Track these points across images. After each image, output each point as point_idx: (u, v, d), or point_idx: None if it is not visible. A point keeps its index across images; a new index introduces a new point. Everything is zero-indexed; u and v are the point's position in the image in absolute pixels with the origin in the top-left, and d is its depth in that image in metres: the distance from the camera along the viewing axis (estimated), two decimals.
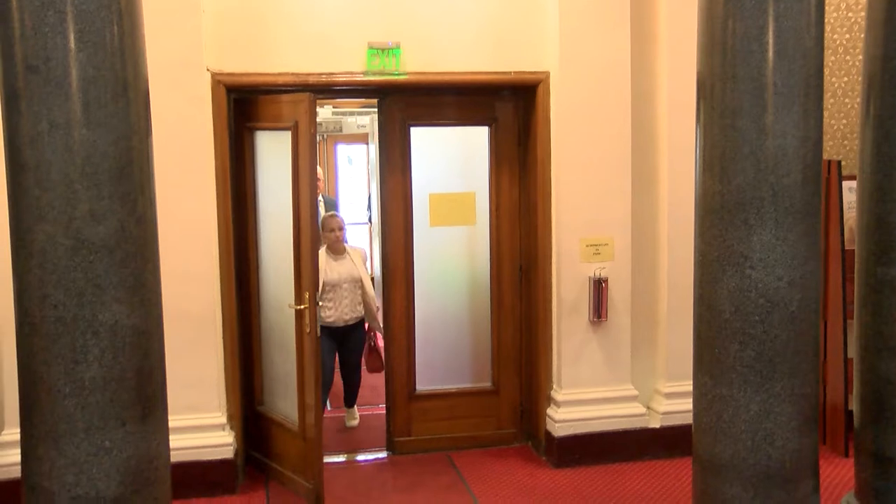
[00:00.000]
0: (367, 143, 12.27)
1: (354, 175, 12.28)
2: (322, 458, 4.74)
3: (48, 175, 2.61)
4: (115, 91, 2.68)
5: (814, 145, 3.10)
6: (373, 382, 6.85)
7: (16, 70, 2.59)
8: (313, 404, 4.67)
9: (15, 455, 3.95)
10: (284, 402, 4.97)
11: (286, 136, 4.71)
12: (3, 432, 4.53)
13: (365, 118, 11.55)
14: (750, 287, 3.11)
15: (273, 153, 4.94)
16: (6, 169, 2.70)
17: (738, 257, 3.12)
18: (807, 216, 3.10)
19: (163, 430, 2.92)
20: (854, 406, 3.75)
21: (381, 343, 5.91)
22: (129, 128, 2.72)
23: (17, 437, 3.10)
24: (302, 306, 4.66)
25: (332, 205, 7.47)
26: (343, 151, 11.95)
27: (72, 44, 2.59)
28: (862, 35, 5.53)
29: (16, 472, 3.84)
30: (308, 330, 4.62)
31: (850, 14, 5.62)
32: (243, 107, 4.98)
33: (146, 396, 2.81)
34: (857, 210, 3.69)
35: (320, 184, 7.23)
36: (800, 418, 3.17)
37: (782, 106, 3.02)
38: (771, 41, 3.00)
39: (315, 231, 4.68)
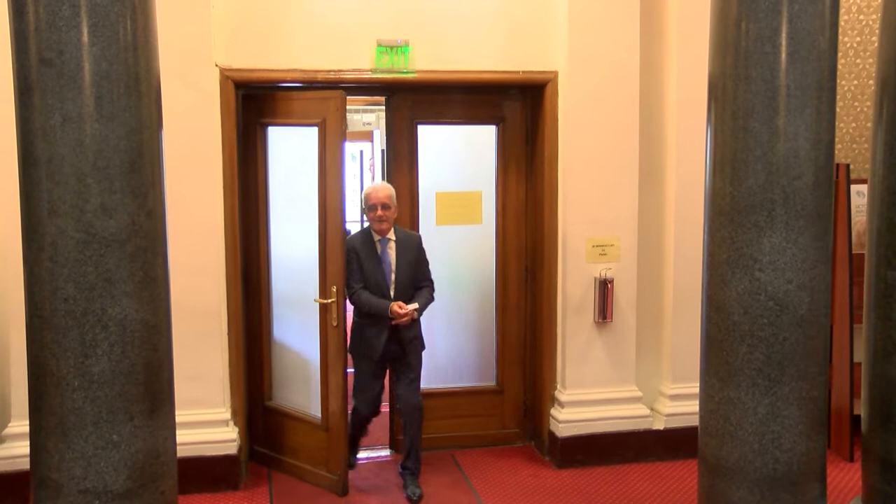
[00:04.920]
0: (372, 141, 12.30)
1: (359, 172, 12.27)
2: (346, 449, 4.80)
3: (60, 168, 2.61)
4: (128, 85, 2.68)
5: (826, 148, 3.09)
6: None
7: (29, 63, 2.60)
8: (337, 396, 4.72)
9: (22, 447, 3.98)
10: (302, 395, 5.00)
11: (307, 132, 4.75)
12: (11, 424, 4.53)
13: (370, 115, 11.57)
14: (759, 290, 3.11)
15: (291, 149, 4.96)
16: (18, 162, 2.70)
17: (747, 260, 3.11)
18: (818, 219, 3.09)
19: (170, 425, 2.92)
20: (862, 411, 3.74)
21: None
22: (140, 122, 2.73)
23: (25, 429, 3.11)
24: (329, 300, 4.68)
25: (416, 248, 4.82)
26: (348, 149, 11.98)
27: (85, 38, 2.60)
28: (872, 38, 5.54)
29: (23, 464, 3.87)
30: (335, 323, 4.65)
31: (861, 17, 5.60)
32: (256, 102, 4.98)
33: (154, 391, 2.82)
34: (868, 214, 3.68)
35: (389, 210, 4.70)
36: (807, 422, 3.17)
37: (795, 108, 3.01)
38: (784, 43, 2.99)
39: (342, 227, 4.68)
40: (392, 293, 4.70)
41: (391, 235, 4.76)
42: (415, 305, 4.65)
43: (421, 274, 4.82)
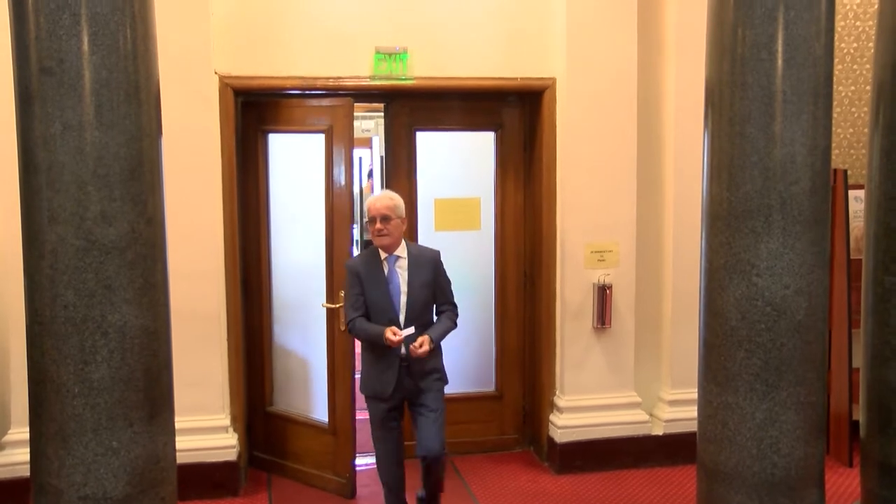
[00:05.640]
0: (371, 148, 12.31)
1: (358, 178, 12.25)
2: (353, 451, 4.81)
3: (60, 176, 2.63)
4: (128, 93, 2.70)
5: (822, 153, 3.10)
6: None
7: (30, 72, 2.61)
8: (345, 399, 4.76)
9: (22, 454, 3.98)
10: (306, 400, 5.03)
11: (311, 139, 4.80)
12: (11, 431, 4.53)
13: (369, 122, 11.59)
14: (757, 295, 3.12)
15: (294, 156, 4.98)
16: (19, 170, 2.71)
17: (744, 265, 3.13)
18: (815, 224, 3.10)
19: (169, 431, 2.93)
20: (860, 416, 3.75)
21: None
22: (140, 130, 2.74)
23: (25, 436, 3.11)
24: (337, 305, 4.71)
25: (431, 266, 4.16)
26: None
27: (85, 46, 2.61)
28: (869, 44, 5.57)
29: (22, 471, 3.88)
30: (343, 328, 4.66)
31: (857, 23, 5.63)
32: (256, 110, 4.99)
33: (154, 397, 2.83)
34: (865, 219, 3.69)
35: (389, 222, 4.08)
36: (806, 427, 3.18)
37: (791, 114, 3.03)
38: (780, 49, 3.01)
39: (350, 233, 4.70)
40: (402, 319, 4.01)
41: (401, 252, 4.09)
42: (410, 331, 3.96)
43: (440, 296, 4.16)
